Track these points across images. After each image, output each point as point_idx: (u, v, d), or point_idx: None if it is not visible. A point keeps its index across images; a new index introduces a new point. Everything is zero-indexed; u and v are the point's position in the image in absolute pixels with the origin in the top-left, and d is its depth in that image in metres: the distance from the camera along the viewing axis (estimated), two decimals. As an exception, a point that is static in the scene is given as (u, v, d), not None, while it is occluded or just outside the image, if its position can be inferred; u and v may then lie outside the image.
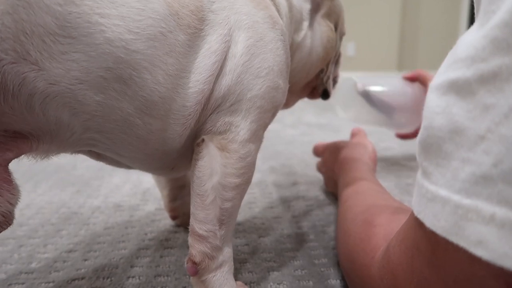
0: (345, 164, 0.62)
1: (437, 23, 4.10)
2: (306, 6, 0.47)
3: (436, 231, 0.23)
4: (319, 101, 0.61)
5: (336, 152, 0.69)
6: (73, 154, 0.37)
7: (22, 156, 0.31)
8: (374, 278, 0.32)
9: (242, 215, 0.64)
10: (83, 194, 0.75)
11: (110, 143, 0.33)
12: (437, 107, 0.24)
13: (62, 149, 0.33)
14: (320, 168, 0.75)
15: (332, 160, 0.69)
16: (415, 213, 0.26)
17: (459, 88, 0.23)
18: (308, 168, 0.92)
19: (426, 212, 0.24)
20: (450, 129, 0.23)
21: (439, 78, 0.25)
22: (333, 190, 0.70)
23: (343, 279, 0.45)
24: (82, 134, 0.31)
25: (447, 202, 0.22)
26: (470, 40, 0.23)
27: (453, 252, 0.23)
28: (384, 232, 0.35)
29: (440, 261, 0.25)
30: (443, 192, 0.23)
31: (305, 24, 0.47)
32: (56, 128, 0.29)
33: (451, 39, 4.14)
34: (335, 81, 0.61)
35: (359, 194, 0.49)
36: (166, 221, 0.62)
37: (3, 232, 0.58)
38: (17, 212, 0.67)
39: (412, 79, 0.87)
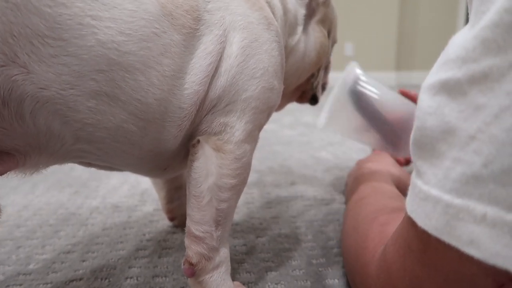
0: (362, 175, 0.60)
1: (435, 24, 4.10)
2: (301, 11, 0.48)
3: (428, 230, 0.23)
4: (319, 102, 0.61)
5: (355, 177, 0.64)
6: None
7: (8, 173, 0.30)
8: (372, 276, 0.33)
9: (240, 215, 0.64)
10: (81, 195, 0.75)
11: (101, 153, 0.33)
12: (429, 107, 0.24)
13: (50, 162, 0.32)
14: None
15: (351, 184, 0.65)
16: (408, 212, 0.26)
17: (450, 89, 0.23)
18: (306, 168, 0.92)
19: (418, 211, 0.24)
20: (442, 130, 0.23)
21: (430, 78, 0.25)
22: None
23: (340, 278, 0.45)
24: (72, 145, 0.31)
25: (438, 202, 0.22)
26: (461, 40, 0.23)
27: (444, 251, 0.23)
28: (389, 232, 0.35)
29: (431, 259, 0.25)
30: (434, 192, 0.23)
31: (300, 28, 0.48)
32: (46, 140, 0.29)
33: (448, 40, 4.15)
34: (323, 87, 0.60)
35: (377, 194, 0.48)
36: (164, 222, 0.62)
37: (1, 234, 0.58)
38: (14, 213, 0.68)
39: (410, 97, 0.72)
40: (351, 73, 0.63)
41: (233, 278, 0.45)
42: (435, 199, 0.23)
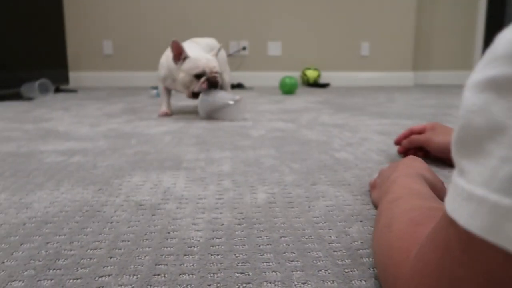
0: (397, 177, 0.58)
1: (453, 23, 4.04)
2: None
3: (472, 230, 0.23)
4: (335, 102, 0.61)
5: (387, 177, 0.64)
6: (95, 153, 0.38)
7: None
8: (405, 276, 0.32)
9: (262, 213, 0.64)
10: (105, 192, 0.76)
11: None
12: (473, 105, 0.24)
13: None
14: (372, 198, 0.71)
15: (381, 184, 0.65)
16: (448, 211, 0.26)
17: (499, 86, 0.22)
18: (326, 169, 0.92)
19: (460, 211, 0.24)
20: (489, 128, 0.22)
21: (476, 76, 0.25)
22: None
23: (368, 280, 0.45)
24: None
25: (484, 201, 0.22)
26: (511, 38, 0.23)
27: (487, 251, 0.23)
28: (424, 232, 0.35)
29: (472, 260, 0.25)
30: (479, 191, 0.23)
31: None
32: None
33: (467, 40, 4.09)
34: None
35: (413, 195, 0.48)
36: (187, 220, 0.62)
37: (28, 229, 0.59)
38: (41, 209, 0.69)
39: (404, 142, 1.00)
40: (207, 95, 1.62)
41: (259, 277, 0.45)
42: (480, 198, 0.22)
